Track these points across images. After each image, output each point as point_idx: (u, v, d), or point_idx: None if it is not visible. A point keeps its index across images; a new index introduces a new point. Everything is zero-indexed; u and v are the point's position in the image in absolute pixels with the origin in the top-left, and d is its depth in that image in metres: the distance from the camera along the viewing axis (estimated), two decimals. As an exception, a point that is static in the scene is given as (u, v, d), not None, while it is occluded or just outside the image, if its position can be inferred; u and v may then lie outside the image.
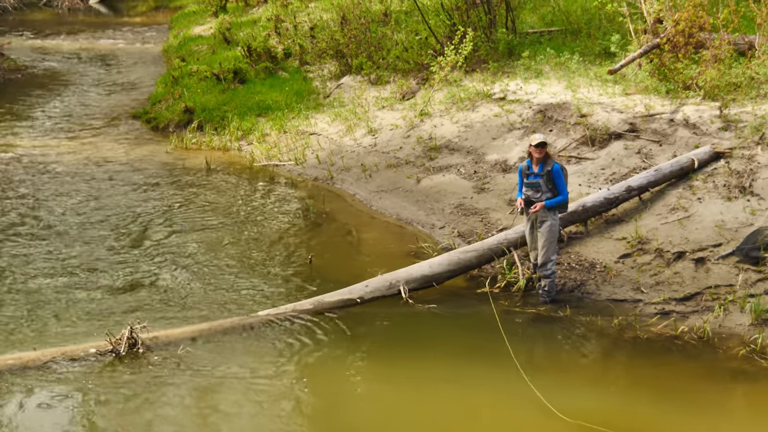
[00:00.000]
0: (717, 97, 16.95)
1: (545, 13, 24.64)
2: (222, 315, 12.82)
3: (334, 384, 11.16)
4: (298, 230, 16.64)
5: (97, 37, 41.63)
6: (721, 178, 14.85)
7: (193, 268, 14.57)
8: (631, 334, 12.38)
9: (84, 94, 29.11)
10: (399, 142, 19.50)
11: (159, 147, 22.32)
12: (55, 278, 14.03)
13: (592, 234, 14.82)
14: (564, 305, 13.15)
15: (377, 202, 17.65)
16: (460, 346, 12.33)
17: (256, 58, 26.87)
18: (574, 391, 10.95)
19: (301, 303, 13.01)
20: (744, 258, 13.19)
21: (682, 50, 17.96)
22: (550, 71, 20.28)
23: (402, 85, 22.05)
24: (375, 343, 12.32)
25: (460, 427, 10.47)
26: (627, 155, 16.35)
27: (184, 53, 32.42)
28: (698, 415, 10.60)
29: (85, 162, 20.75)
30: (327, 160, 19.84)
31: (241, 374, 11.30)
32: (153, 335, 11.85)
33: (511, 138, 18.12)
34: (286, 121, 22.18)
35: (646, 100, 17.72)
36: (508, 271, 13.89)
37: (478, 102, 19.69)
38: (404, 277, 13.52)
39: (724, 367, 11.61)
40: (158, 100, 26.30)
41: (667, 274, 13.49)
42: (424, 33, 23.67)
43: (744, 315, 12.47)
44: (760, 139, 15.29)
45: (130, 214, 17.04)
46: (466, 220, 16.17)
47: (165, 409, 10.62)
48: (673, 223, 14.34)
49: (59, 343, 11.82)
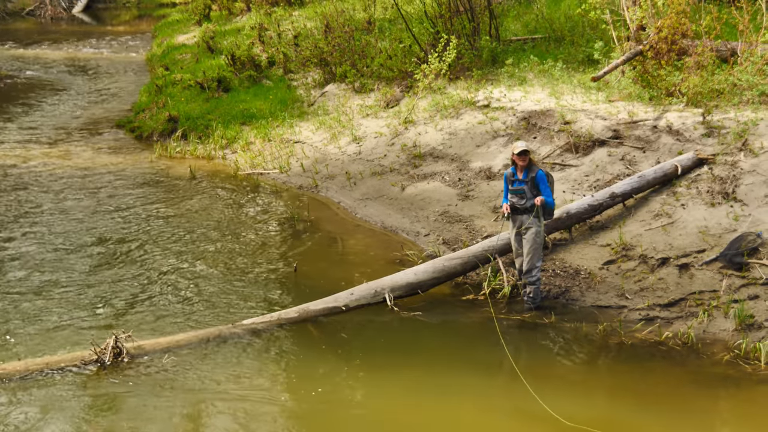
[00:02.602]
0: (700, 104, 17.03)
1: (529, 21, 24.72)
2: (207, 324, 12.78)
3: (320, 392, 11.12)
4: (282, 238, 16.62)
5: (80, 46, 41.61)
6: (704, 184, 14.90)
7: (178, 276, 14.53)
8: (616, 340, 12.40)
9: (67, 104, 29.06)
10: (383, 150, 19.51)
11: (143, 156, 22.31)
12: (39, 288, 13.95)
13: (577, 241, 14.86)
14: (549, 312, 13.17)
15: (362, 210, 17.65)
16: (445, 353, 12.32)
17: (240, 67, 26.89)
18: (560, 396, 10.94)
19: (287, 311, 12.98)
20: (728, 264, 13.23)
21: (665, 57, 18.04)
22: (533, 78, 20.33)
23: (386, 93, 22.06)
24: (360, 351, 12.29)
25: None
26: (611, 162, 16.39)
27: (167, 62, 32.43)
28: (683, 421, 10.61)
29: (68, 171, 20.69)
30: (311, 168, 19.84)
31: (226, 383, 11.25)
32: (138, 344, 11.80)
33: (495, 145, 18.15)
34: (271, 130, 22.18)
35: (629, 107, 17.78)
36: (493, 278, 13.90)
37: (462, 109, 19.72)
38: (389, 285, 13.52)
39: (708, 373, 11.63)
40: (142, 109, 26.30)
41: (651, 280, 13.52)
42: (408, 41, 23.70)
43: (728, 320, 12.50)
44: (742, 145, 15.34)
45: (113, 223, 16.99)
46: (451, 228, 16.18)
47: (150, 418, 10.56)
48: (657, 229, 14.38)
49: (44, 353, 11.75)
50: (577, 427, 10.17)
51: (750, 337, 12.10)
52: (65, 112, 27.63)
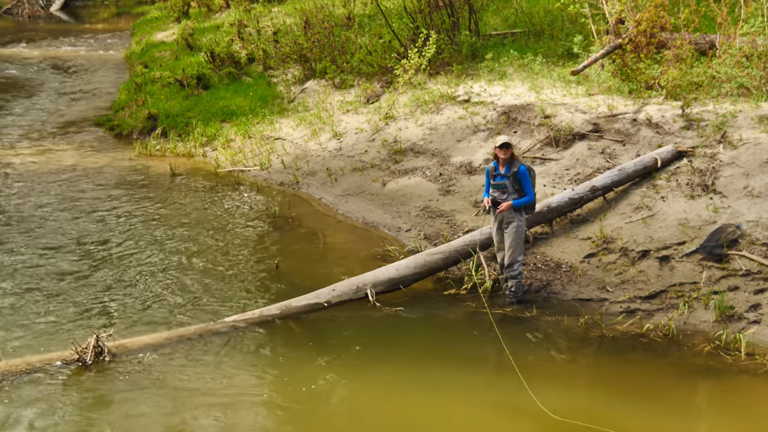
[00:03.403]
0: (679, 97, 17.08)
1: (508, 15, 24.75)
2: (189, 321, 12.75)
3: (303, 389, 11.10)
4: (264, 236, 16.59)
5: (58, 44, 41.40)
6: (684, 177, 14.96)
7: (159, 275, 14.49)
8: (597, 333, 12.44)
9: (45, 102, 28.92)
10: (364, 146, 19.50)
11: (123, 154, 22.23)
12: (18, 288, 13.87)
13: (558, 234, 14.89)
14: (531, 305, 13.20)
15: (343, 206, 17.65)
16: (428, 348, 12.34)
17: (219, 64, 26.82)
18: (541, 390, 10.96)
19: (269, 308, 12.97)
20: (707, 255, 13.29)
21: (644, 50, 18.09)
22: (513, 73, 20.35)
23: (366, 89, 22.05)
24: (343, 347, 12.28)
25: (427, 430, 10.47)
26: (591, 155, 16.43)
27: (146, 59, 32.31)
28: (664, 412, 10.64)
29: (47, 170, 20.60)
30: (292, 164, 19.82)
31: (208, 381, 11.23)
32: (119, 343, 11.77)
33: (475, 140, 18.16)
34: (251, 127, 22.13)
35: (609, 101, 17.82)
36: (474, 272, 13.92)
37: (443, 104, 19.73)
38: (371, 281, 13.53)
39: (689, 364, 11.68)
40: (121, 107, 26.21)
41: (632, 273, 13.56)
42: (388, 36, 23.69)
43: (708, 312, 12.57)
44: (721, 137, 15.41)
45: (93, 222, 16.94)
46: (432, 223, 16.19)
47: (132, 417, 10.52)
48: (637, 222, 14.42)
49: (24, 353, 11.70)
50: (565, 421, 10.20)
51: (730, 328, 12.17)
52: (43, 111, 27.48)
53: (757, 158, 14.66)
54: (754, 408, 10.97)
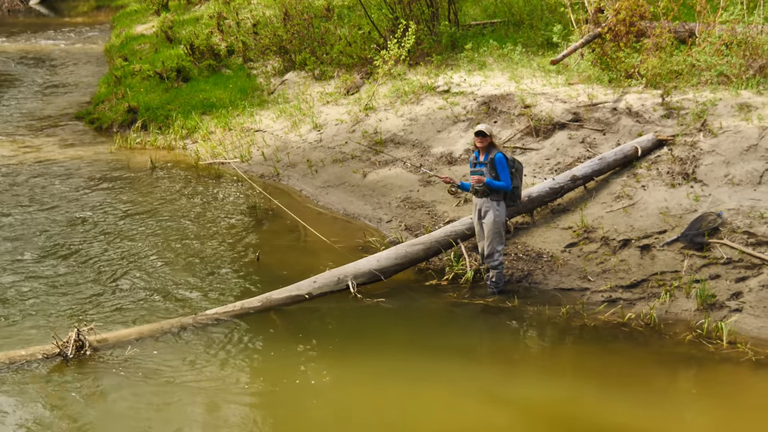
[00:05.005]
0: (659, 85, 17.09)
1: (487, 5, 24.74)
2: (170, 314, 12.70)
3: (285, 381, 11.08)
4: (245, 228, 16.55)
5: (37, 38, 41.18)
6: (664, 166, 14.98)
7: (140, 268, 14.42)
8: (579, 323, 12.45)
9: (25, 96, 28.76)
10: (344, 137, 19.45)
11: (103, 147, 22.13)
12: (-2, 283, 13.83)
13: (539, 224, 14.89)
14: (512, 296, 13.19)
15: (324, 198, 17.61)
16: (411, 339, 12.34)
17: (199, 56, 26.73)
18: (523, 380, 10.98)
19: (250, 300, 12.92)
20: (689, 244, 13.31)
21: (623, 39, 18.08)
22: (493, 63, 20.33)
23: (346, 80, 22.01)
24: (324, 339, 12.26)
25: (412, 420, 10.45)
26: (571, 144, 16.43)
27: (126, 52, 32.15)
28: (646, 400, 10.67)
29: (26, 164, 20.48)
30: (272, 156, 19.76)
31: (190, 374, 11.19)
32: (101, 337, 11.70)
33: (456, 130, 18.14)
34: (231, 119, 22.06)
35: (589, 90, 17.82)
36: (455, 263, 13.90)
37: (423, 95, 19.69)
38: (352, 272, 13.50)
39: (671, 353, 11.70)
40: (101, 100, 26.10)
41: (613, 262, 13.58)
42: (367, 27, 23.62)
43: (690, 300, 12.60)
44: (702, 125, 15.42)
45: (73, 215, 16.84)
46: (413, 213, 16.17)
47: (114, 411, 10.48)
48: (618, 211, 14.43)
49: (4, 347, 11.62)
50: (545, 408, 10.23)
51: (712, 316, 12.20)
52: (23, 105, 27.33)
53: (737, 146, 14.69)
54: (736, 396, 11.00)
